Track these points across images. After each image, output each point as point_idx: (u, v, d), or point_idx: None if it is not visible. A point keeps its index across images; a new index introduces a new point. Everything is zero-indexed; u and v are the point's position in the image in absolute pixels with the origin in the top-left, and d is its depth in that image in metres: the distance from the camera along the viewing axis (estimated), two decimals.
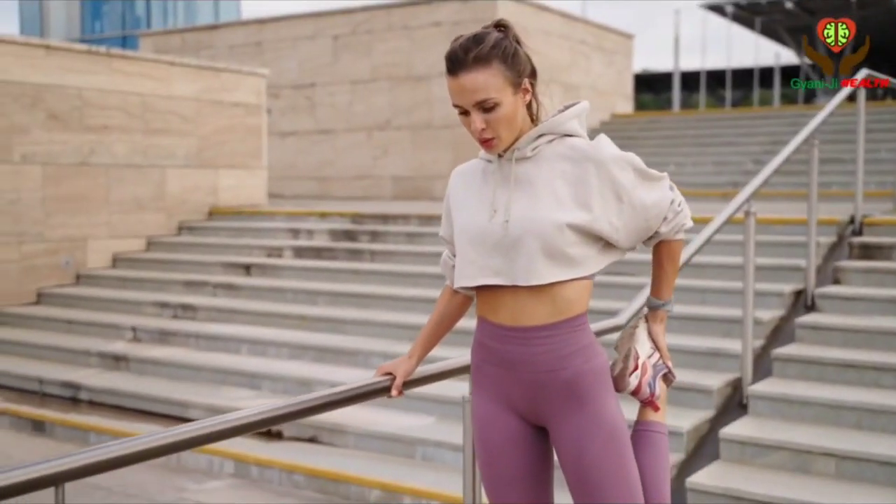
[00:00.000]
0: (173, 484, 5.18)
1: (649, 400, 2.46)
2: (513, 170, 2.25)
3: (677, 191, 2.35)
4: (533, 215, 2.18)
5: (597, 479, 2.22)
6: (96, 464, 2.00)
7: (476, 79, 2.12)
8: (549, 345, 2.22)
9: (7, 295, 8.48)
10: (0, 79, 8.32)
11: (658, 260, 2.46)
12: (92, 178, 9.09)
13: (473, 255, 2.26)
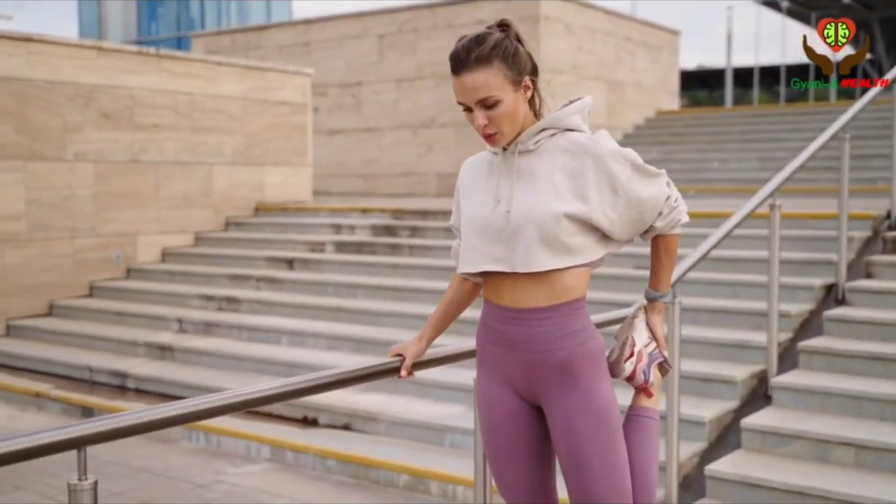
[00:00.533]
0: (213, 467, 5.39)
1: (643, 386, 2.57)
2: (516, 162, 2.38)
3: (674, 188, 2.47)
4: (532, 206, 2.31)
5: (586, 457, 2.33)
6: (115, 430, 2.15)
7: (477, 78, 2.25)
8: (546, 326, 2.34)
9: (61, 287, 8.80)
10: (54, 79, 8.63)
11: (656, 253, 2.57)
12: (142, 175, 9.39)
13: (477, 243, 2.39)
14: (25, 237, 8.49)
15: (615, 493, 2.35)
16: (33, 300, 8.59)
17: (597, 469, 2.34)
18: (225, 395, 2.43)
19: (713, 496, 4.40)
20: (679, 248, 2.64)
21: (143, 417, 2.20)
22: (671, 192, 2.45)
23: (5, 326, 8.40)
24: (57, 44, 8.69)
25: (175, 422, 2.31)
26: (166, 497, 4.88)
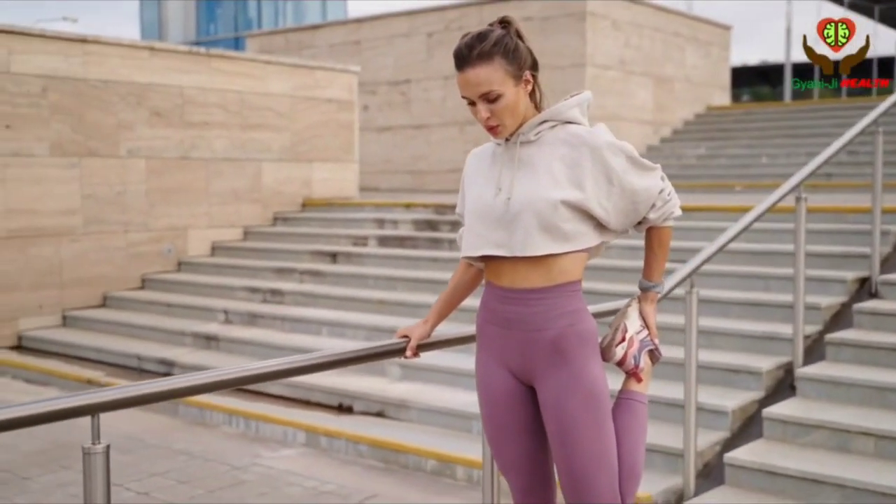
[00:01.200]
0: (250, 451, 5.58)
1: (633, 371, 2.67)
2: (517, 152, 2.50)
3: (668, 182, 2.58)
4: (531, 194, 2.43)
5: (573, 434, 2.45)
6: (124, 399, 2.32)
7: (479, 74, 2.39)
8: (541, 306, 2.46)
9: (115, 280, 9.12)
10: (108, 79, 8.94)
11: (649, 245, 2.68)
12: (192, 171, 9.67)
13: (479, 229, 2.52)
14: (81, 231, 8.82)
15: (601, 470, 2.46)
16: (88, 292, 8.92)
17: (583, 446, 2.45)
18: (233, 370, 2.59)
19: (732, 483, 4.46)
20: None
21: (147, 389, 2.39)
22: (665, 186, 2.56)
23: (62, 317, 8.73)
24: (111, 44, 9.00)
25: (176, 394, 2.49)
26: (203, 478, 5.08)
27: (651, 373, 2.74)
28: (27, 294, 8.48)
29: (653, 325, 2.74)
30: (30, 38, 8.42)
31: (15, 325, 8.42)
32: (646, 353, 2.69)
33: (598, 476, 2.46)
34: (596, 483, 2.46)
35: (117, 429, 6.10)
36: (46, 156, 8.53)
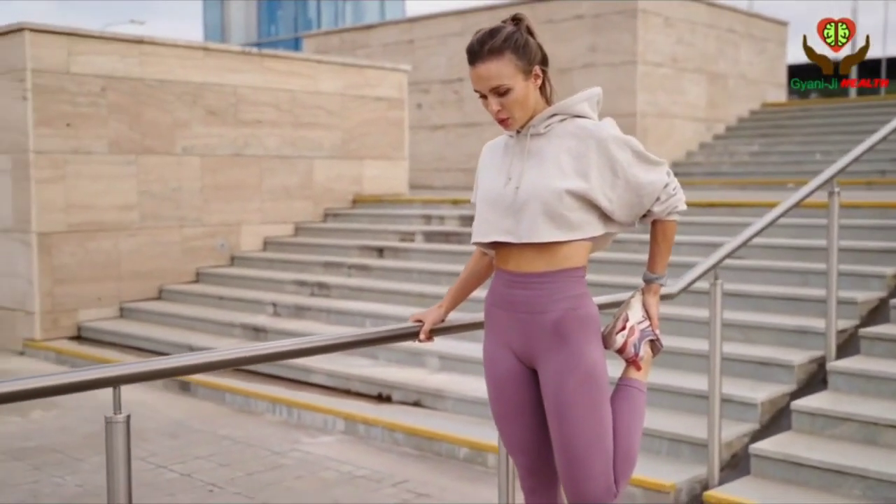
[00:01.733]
0: (291, 437, 5.77)
1: (633, 359, 2.75)
2: (528, 144, 2.61)
3: (674, 177, 2.66)
4: (538, 183, 2.54)
5: (570, 414, 2.54)
6: (143, 373, 2.47)
7: (490, 68, 2.51)
8: (544, 289, 2.56)
9: (170, 273, 9.41)
10: (165, 79, 9.23)
11: (654, 238, 2.76)
12: (245, 168, 9.93)
13: (489, 216, 2.64)
14: (138, 226, 9.12)
15: (595, 450, 2.55)
16: (144, 285, 9.22)
17: (579, 425, 2.54)
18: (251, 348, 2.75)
19: (756, 474, 4.51)
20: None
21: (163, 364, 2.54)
22: (670, 181, 2.64)
23: (119, 309, 9.04)
24: (167, 45, 9.29)
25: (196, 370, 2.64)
26: (243, 461, 5.27)
27: (651, 362, 2.81)
28: (87, 286, 8.81)
29: (655, 315, 2.80)
30: (89, 39, 8.74)
31: (75, 315, 8.75)
32: (646, 342, 2.77)
33: (592, 456, 2.55)
34: (589, 463, 2.55)
35: (166, 415, 6.35)
36: (105, 153, 8.85)
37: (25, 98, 8.34)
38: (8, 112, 8.56)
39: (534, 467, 2.75)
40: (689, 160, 13.45)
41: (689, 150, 13.66)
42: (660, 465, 4.70)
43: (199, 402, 6.77)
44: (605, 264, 7.17)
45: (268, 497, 4.66)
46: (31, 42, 8.34)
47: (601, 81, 13.23)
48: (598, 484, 2.56)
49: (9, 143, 8.58)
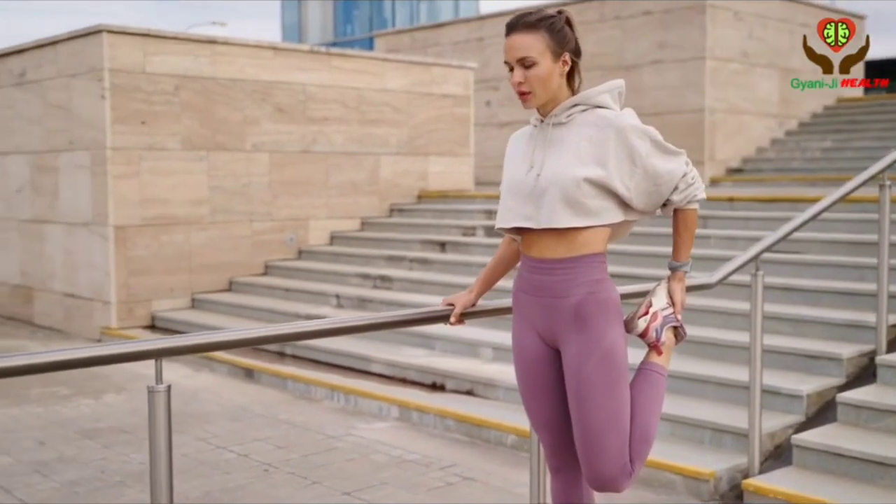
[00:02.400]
0: (347, 423, 5.96)
1: (654, 344, 2.83)
2: (550, 133, 2.73)
3: (693, 168, 2.74)
4: (558, 171, 2.65)
5: (588, 392, 2.65)
6: (182, 346, 2.66)
7: (522, 39, 2.62)
8: (564, 274, 2.68)
9: (240, 266, 9.72)
10: (235, 77, 9.54)
11: (675, 227, 2.84)
12: (313, 164, 10.19)
13: (511, 203, 2.76)
14: (209, 220, 9.45)
15: (612, 430, 2.64)
16: (215, 277, 9.54)
17: (597, 405, 2.64)
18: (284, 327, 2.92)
19: (798, 464, 4.53)
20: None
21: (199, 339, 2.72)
22: (688, 170, 2.72)
23: (191, 299, 9.37)
24: (238, 45, 9.60)
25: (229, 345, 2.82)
26: (299, 444, 5.47)
27: (673, 348, 2.88)
28: (160, 278, 9.16)
29: (679, 302, 2.87)
30: (163, 40, 9.08)
31: (149, 305, 9.11)
32: (669, 328, 2.84)
33: (609, 435, 2.64)
34: (606, 441, 2.64)
35: (231, 400, 6.61)
36: (178, 149, 9.19)
37: (103, 97, 8.72)
38: (87, 110, 8.96)
39: (558, 445, 2.85)
40: (760, 156, 13.30)
41: (760, 147, 13.50)
42: (702, 454, 4.75)
43: (263, 388, 7.01)
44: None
45: (319, 477, 4.85)
46: (108, 43, 8.71)
47: (670, 78, 13.17)
48: (614, 462, 2.66)
49: (88, 140, 8.97)
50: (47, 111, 9.58)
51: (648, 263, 7.35)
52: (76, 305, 9.36)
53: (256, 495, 4.60)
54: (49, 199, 9.66)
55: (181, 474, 4.92)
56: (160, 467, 2.55)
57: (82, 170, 9.08)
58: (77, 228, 9.26)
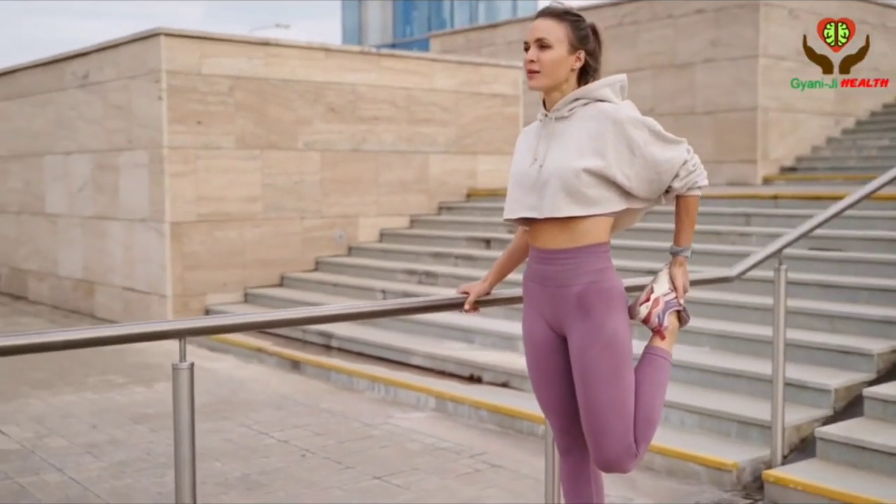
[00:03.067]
0: (385, 412, 6.13)
1: (657, 329, 2.93)
2: (553, 127, 2.87)
3: (694, 155, 2.84)
4: (559, 162, 2.79)
5: (592, 378, 2.77)
6: (206, 327, 2.84)
7: (545, 23, 2.79)
8: (567, 264, 2.81)
9: (292, 262, 9.98)
10: (288, 78, 9.80)
11: (677, 213, 2.95)
12: (363, 162, 10.41)
13: (516, 194, 2.90)
14: (262, 217, 9.72)
15: (616, 413, 2.76)
16: (267, 272, 9.81)
17: (601, 390, 2.76)
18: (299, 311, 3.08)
19: (822, 457, 4.57)
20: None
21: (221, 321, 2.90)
22: (689, 158, 2.82)
23: (243, 294, 9.65)
24: (290, 47, 9.86)
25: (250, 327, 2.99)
26: (337, 431, 5.66)
27: (676, 332, 2.98)
28: (214, 272, 9.45)
29: (681, 286, 2.97)
30: (219, 42, 9.38)
31: (203, 299, 9.40)
32: (672, 313, 2.94)
33: (613, 418, 2.76)
34: (610, 424, 2.76)
35: (276, 390, 6.83)
36: (232, 148, 9.47)
37: (161, 98, 9.04)
38: (146, 111, 9.29)
39: (566, 428, 2.98)
40: (815, 155, 13.17)
41: (815, 145, 13.36)
42: (728, 446, 4.82)
43: (308, 379, 7.23)
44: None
45: (353, 462, 5.03)
46: (166, 46, 9.03)
47: (723, 76, 13.11)
48: (619, 444, 2.77)
49: (146, 140, 9.31)
50: (108, 112, 9.95)
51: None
52: (135, 299, 9.71)
53: (291, 478, 4.80)
54: (110, 197, 10.03)
55: (223, 457, 5.16)
56: (184, 441, 2.74)
57: (141, 168, 9.41)
58: (135, 225, 9.61)
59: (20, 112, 11.86)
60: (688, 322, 3.00)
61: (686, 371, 5.68)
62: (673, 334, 2.97)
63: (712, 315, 6.32)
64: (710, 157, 13.40)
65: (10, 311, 11.03)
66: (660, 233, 7.81)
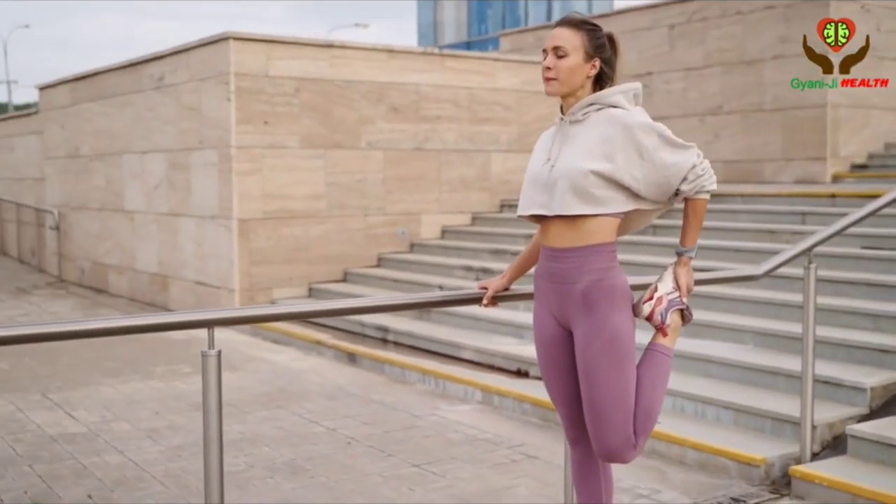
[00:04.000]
0: (432, 404, 6.33)
1: (660, 326, 3.04)
2: (567, 130, 3.02)
3: (704, 159, 2.93)
4: (569, 163, 2.94)
5: (594, 372, 2.91)
6: (233, 318, 3.06)
7: (563, 32, 2.94)
8: (573, 262, 2.95)
9: (354, 258, 10.25)
10: (352, 79, 10.07)
11: (685, 214, 3.05)
12: (425, 161, 10.62)
13: (529, 193, 3.06)
14: (325, 214, 10.01)
15: (616, 406, 2.89)
16: (331, 268, 10.10)
17: (602, 384, 2.90)
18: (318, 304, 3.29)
19: (852, 454, 4.60)
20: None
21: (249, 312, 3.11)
22: (697, 162, 2.91)
23: (308, 289, 9.96)
24: (354, 48, 10.12)
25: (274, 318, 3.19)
26: (384, 422, 5.88)
27: (679, 329, 3.08)
28: (280, 268, 9.78)
29: (684, 285, 3.06)
30: (285, 45, 9.69)
31: (269, 293, 9.74)
32: (675, 311, 3.04)
33: (613, 410, 2.89)
34: (610, 416, 2.89)
35: (331, 381, 7.08)
36: (297, 148, 9.78)
37: (229, 99, 9.39)
38: (215, 112, 9.66)
39: (574, 419, 3.13)
40: (888, 152, 12.91)
41: (889, 142, 13.10)
42: (760, 442, 4.88)
43: (363, 371, 7.47)
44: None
45: (395, 451, 5.23)
46: (234, 49, 9.37)
47: (792, 72, 12.94)
48: (619, 435, 2.91)
49: (215, 140, 9.67)
50: (181, 113, 10.36)
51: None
52: (205, 293, 10.10)
53: (334, 464, 5.02)
54: (182, 194, 10.44)
55: (273, 443, 5.42)
56: (212, 426, 2.94)
57: (210, 167, 9.79)
58: (206, 221, 9.99)
59: (102, 113, 12.40)
60: (690, 320, 3.10)
61: (728, 368, 5.74)
62: (675, 332, 3.07)
63: (757, 313, 6.35)
64: (778, 155, 13.26)
65: (91, 304, 11.56)
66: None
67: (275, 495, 4.57)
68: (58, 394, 6.70)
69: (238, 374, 7.25)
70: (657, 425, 3.07)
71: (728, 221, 8.39)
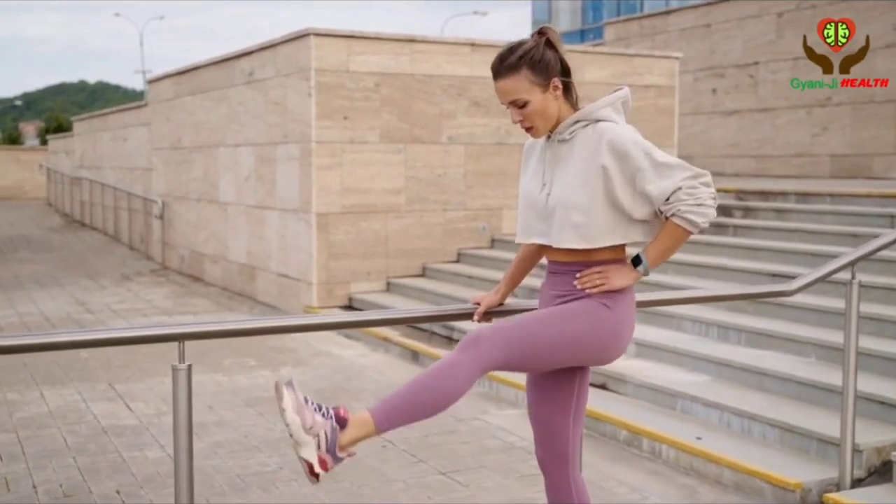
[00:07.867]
0: (480, 407, 6.25)
1: None
2: (556, 150, 2.88)
3: (699, 188, 2.67)
4: (562, 193, 2.79)
5: (533, 318, 2.80)
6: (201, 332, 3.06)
7: (508, 84, 2.77)
8: (566, 275, 2.84)
9: (434, 253, 10.23)
10: (433, 74, 10.03)
11: (660, 230, 2.81)
12: (507, 155, 10.50)
13: (528, 218, 2.94)
14: (405, 209, 10.03)
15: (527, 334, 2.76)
16: (409, 262, 10.11)
17: (541, 318, 2.80)
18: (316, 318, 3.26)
19: None
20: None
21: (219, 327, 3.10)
22: (683, 185, 2.66)
23: (386, 283, 10.01)
24: (435, 43, 10.08)
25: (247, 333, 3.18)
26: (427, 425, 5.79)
27: None
28: (358, 262, 9.85)
29: (598, 278, 2.79)
30: (366, 40, 9.72)
31: (347, 287, 9.83)
32: None
33: (527, 334, 2.76)
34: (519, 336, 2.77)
35: (389, 379, 7.08)
36: (377, 142, 9.82)
37: (310, 94, 9.49)
38: (297, 107, 9.78)
39: (541, 439, 3.07)
40: None
41: None
42: (803, 464, 4.63)
43: (417, 367, 7.44)
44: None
45: (426, 457, 5.19)
46: (315, 45, 9.46)
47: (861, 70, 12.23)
48: (497, 350, 2.80)
49: (297, 134, 9.81)
50: (268, 107, 10.54)
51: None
52: (287, 285, 10.27)
53: (362, 467, 5.01)
54: (269, 187, 10.64)
55: None
56: (181, 440, 2.97)
57: (293, 161, 9.93)
58: (288, 214, 10.15)
59: (201, 106, 12.76)
60: None
61: (783, 382, 5.46)
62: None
63: (824, 323, 6.02)
64: (889, 150, 12.57)
65: (185, 292, 11.94)
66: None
67: (292, 498, 4.59)
68: (123, 385, 6.92)
69: (300, 369, 7.33)
70: (698, 440, 2.92)
71: (812, 223, 7.99)
